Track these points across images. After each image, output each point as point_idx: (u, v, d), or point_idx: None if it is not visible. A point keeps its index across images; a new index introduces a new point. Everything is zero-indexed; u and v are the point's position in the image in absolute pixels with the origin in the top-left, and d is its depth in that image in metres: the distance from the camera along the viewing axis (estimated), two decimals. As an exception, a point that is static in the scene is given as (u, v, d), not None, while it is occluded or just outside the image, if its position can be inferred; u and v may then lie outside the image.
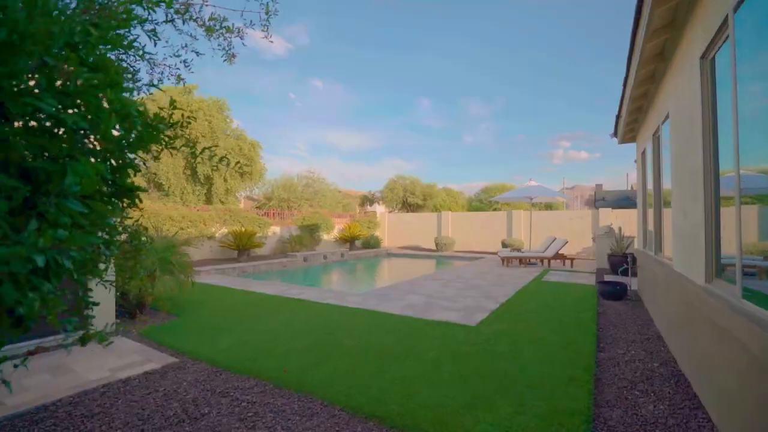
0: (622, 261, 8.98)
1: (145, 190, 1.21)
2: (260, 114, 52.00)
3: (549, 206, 23.20)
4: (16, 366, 1.13)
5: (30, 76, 0.89)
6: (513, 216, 16.20)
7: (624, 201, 27.52)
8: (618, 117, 6.12)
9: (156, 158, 17.04)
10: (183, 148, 1.39)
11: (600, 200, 31.10)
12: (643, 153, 6.15)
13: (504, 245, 14.84)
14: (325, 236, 16.43)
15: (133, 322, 4.94)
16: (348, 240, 17.12)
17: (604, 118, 58.58)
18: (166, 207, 10.96)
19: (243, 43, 2.67)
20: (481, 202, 24.11)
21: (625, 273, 7.21)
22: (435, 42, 48.02)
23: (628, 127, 6.34)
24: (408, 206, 23.87)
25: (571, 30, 51.07)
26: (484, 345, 3.97)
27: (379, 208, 24.18)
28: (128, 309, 5.03)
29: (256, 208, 18.24)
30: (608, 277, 8.72)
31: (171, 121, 1.26)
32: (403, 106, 60.81)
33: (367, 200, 26.72)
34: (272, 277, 10.11)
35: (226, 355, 3.76)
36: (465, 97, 63.69)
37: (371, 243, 17.80)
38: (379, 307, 5.70)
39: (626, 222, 12.73)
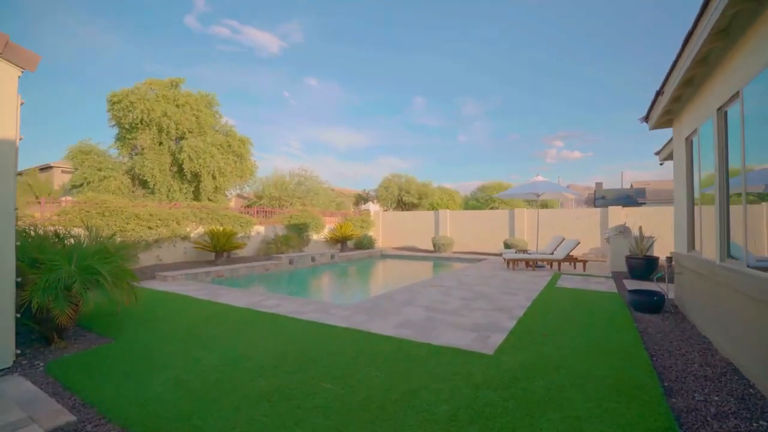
0: (644, 264, 7.99)
1: None
2: (254, 112, 50.57)
3: (545, 204, 22.25)
4: None
5: None
6: (515, 215, 15.16)
7: (624, 199, 26.77)
8: (659, 94, 5.08)
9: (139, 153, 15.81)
10: None
11: (600, 198, 30.29)
12: (688, 138, 5.13)
13: (507, 246, 13.82)
14: (314, 236, 15.28)
15: (48, 349, 3.79)
16: (339, 240, 16.00)
17: (599, 118, 58.17)
18: (132, 204, 9.72)
19: None
20: (478, 201, 23.13)
21: (661, 280, 6.17)
22: (433, 41, 46.81)
23: (667, 108, 5.31)
24: (403, 205, 22.82)
25: (571, 30, 50.15)
26: (511, 389, 2.90)
27: (374, 207, 23.10)
28: (43, 332, 3.87)
29: (246, 206, 17.04)
30: (628, 283, 7.73)
31: None
32: (400, 105, 59.66)
33: (362, 199, 25.63)
34: (251, 283, 8.97)
35: (152, 407, 2.65)
36: (462, 97, 62.80)
37: (364, 243, 16.71)
38: (370, 326, 4.61)
39: (638, 221, 11.76)
